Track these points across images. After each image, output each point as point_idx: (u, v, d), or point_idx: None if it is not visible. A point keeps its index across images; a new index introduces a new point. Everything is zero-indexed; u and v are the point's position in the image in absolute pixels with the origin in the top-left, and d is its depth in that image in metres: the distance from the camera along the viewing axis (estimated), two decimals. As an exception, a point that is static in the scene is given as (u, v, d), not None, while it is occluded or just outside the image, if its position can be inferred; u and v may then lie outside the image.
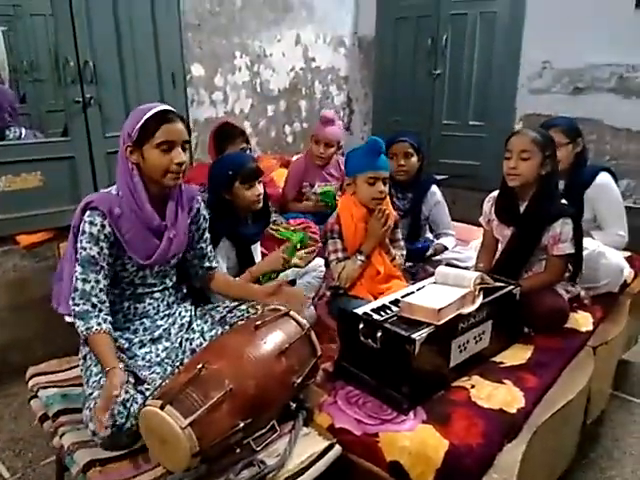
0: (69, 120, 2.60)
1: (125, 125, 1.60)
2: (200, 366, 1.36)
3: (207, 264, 1.91)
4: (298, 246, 2.12)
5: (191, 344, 1.77)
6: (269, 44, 3.55)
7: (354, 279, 2.11)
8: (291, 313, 1.62)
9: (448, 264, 2.19)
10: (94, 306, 1.54)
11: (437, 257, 2.60)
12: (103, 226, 1.58)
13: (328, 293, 2.30)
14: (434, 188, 2.68)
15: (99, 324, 1.52)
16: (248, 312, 1.82)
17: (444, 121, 4.00)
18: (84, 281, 1.55)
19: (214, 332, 1.79)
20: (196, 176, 2.56)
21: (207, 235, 1.90)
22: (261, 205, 2.15)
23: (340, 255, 2.13)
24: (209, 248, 1.91)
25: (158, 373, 1.63)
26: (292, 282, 2.33)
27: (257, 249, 2.35)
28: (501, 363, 1.82)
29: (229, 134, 2.63)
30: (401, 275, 2.23)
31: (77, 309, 1.54)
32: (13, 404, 2.34)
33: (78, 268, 1.56)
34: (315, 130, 3.05)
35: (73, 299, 1.55)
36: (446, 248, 2.63)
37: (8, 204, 2.48)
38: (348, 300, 2.09)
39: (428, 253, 2.58)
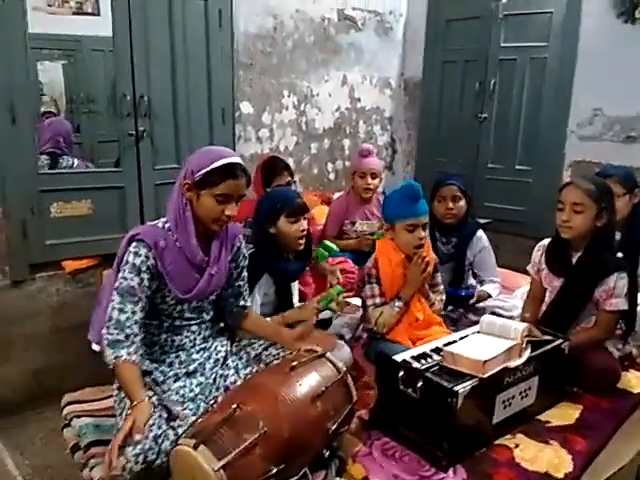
0: (122, 152, 2.69)
1: (190, 161, 1.63)
2: (234, 406, 1.33)
3: (242, 302, 1.90)
4: (334, 298, 2.08)
5: (225, 381, 1.75)
6: (316, 84, 3.62)
7: (392, 325, 2.06)
8: (327, 355, 1.59)
9: (492, 313, 2.11)
10: (127, 337, 1.53)
11: (480, 304, 2.52)
12: (147, 257, 1.59)
13: (365, 335, 2.25)
14: (480, 233, 2.61)
15: (129, 354, 1.51)
16: (284, 351, 1.80)
17: (489, 164, 3.95)
18: (120, 311, 1.56)
19: (249, 370, 1.77)
20: (241, 211, 2.58)
21: (245, 274, 1.90)
22: (303, 243, 2.14)
23: (377, 300, 2.09)
24: (245, 287, 1.91)
25: (191, 409, 1.61)
26: (328, 322, 2.30)
27: (295, 287, 2.34)
28: (547, 422, 1.73)
29: (276, 167, 2.67)
30: (441, 321, 2.17)
31: (110, 338, 1.53)
32: (46, 429, 2.34)
33: (116, 297, 1.57)
34: (355, 165, 3.07)
35: (107, 328, 1.54)
36: (490, 295, 2.54)
37: (57, 230, 2.56)
38: (386, 344, 2.04)
39: (471, 300, 2.49)
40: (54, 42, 3.36)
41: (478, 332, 1.79)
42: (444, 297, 2.24)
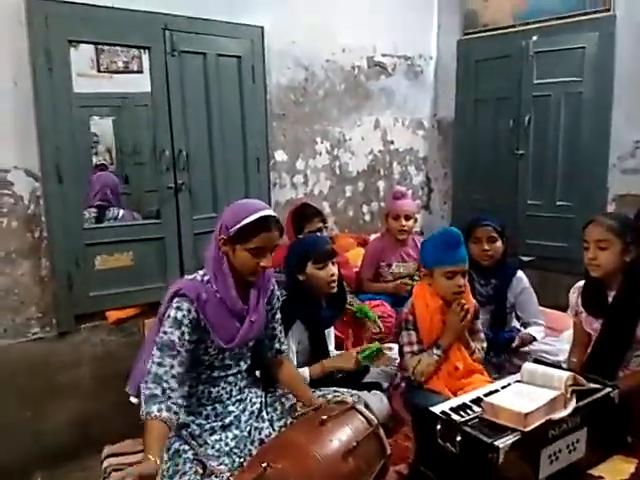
0: (161, 204, 2.79)
1: (224, 217, 1.67)
2: (265, 465, 1.32)
3: (277, 346, 1.90)
4: (373, 354, 2.06)
5: (260, 434, 1.74)
6: (349, 129, 3.68)
7: (430, 374, 2.00)
8: (358, 407, 1.56)
9: (536, 360, 2.02)
10: (163, 391, 1.53)
11: (525, 349, 2.43)
12: (189, 311, 1.62)
13: (403, 384, 2.20)
14: (520, 273, 2.54)
15: (160, 410, 1.49)
16: (325, 397, 1.79)
17: (529, 201, 3.87)
18: (159, 365, 1.57)
19: (283, 422, 1.76)
20: (274, 257, 2.62)
21: (278, 316, 1.90)
22: (336, 288, 2.13)
23: (415, 348, 2.04)
24: (279, 329, 1.91)
25: (226, 465, 1.60)
26: (366, 369, 2.25)
27: (331, 334, 2.32)
28: (600, 478, 1.61)
29: (306, 214, 2.71)
30: (482, 369, 2.09)
31: (147, 392, 1.53)
32: (89, 478, 2.36)
33: (156, 352, 1.59)
34: (389, 207, 3.06)
35: (146, 382, 1.55)
36: (535, 339, 2.45)
37: (100, 282, 2.65)
38: (424, 394, 1.98)
39: (514, 344, 2.40)
40: (105, 100, 3.59)
41: (519, 381, 1.71)
42: (485, 345, 2.16)
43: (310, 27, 3.30)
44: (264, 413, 1.81)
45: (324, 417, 1.47)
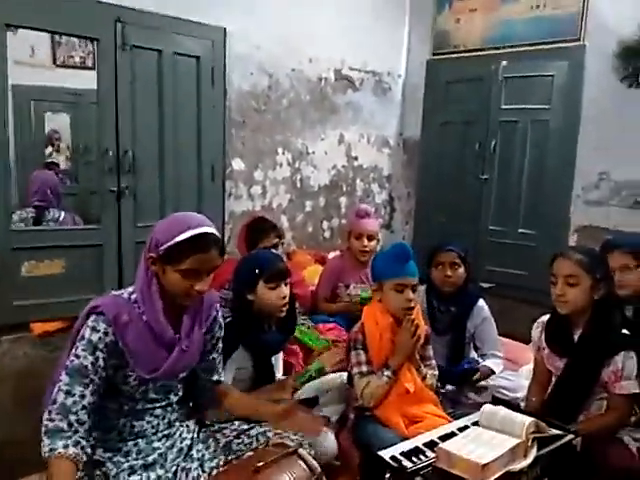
0: (102, 208, 2.56)
1: (155, 232, 1.46)
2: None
3: (215, 377, 1.70)
4: (313, 375, 1.90)
5: (187, 475, 1.53)
6: (312, 142, 3.54)
7: (380, 397, 1.87)
8: (300, 452, 1.38)
9: (495, 399, 1.90)
10: (70, 425, 1.33)
11: (482, 383, 2.30)
12: (106, 334, 1.41)
13: (352, 416, 2.03)
14: (481, 303, 2.43)
15: (65, 446, 1.30)
16: (258, 440, 1.59)
17: (491, 227, 3.82)
18: (67, 394, 1.35)
19: (215, 462, 1.55)
20: (224, 272, 2.41)
21: (220, 345, 1.71)
22: (285, 311, 1.96)
23: (364, 369, 1.90)
24: (219, 359, 1.72)
25: (145, 512, 1.39)
26: (314, 400, 2.07)
27: (279, 359, 2.14)
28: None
29: (262, 228, 2.53)
30: (436, 399, 1.96)
31: (50, 425, 1.32)
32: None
33: (64, 377, 1.37)
34: (351, 225, 2.92)
35: (49, 412, 1.34)
36: (493, 372, 2.33)
37: (26, 290, 2.41)
38: (375, 428, 1.84)
39: (474, 377, 2.28)
40: (60, 94, 3.43)
41: (476, 423, 1.57)
42: (437, 372, 2.05)
43: (277, 33, 3.16)
44: (194, 451, 1.60)
45: (260, 464, 1.28)
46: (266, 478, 1.26)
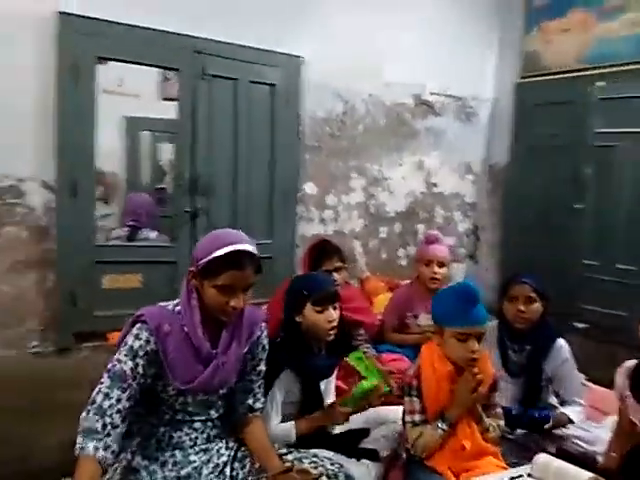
0: (177, 227, 2.70)
1: (197, 246, 1.52)
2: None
3: (250, 402, 1.67)
4: (358, 395, 1.81)
5: (217, 493, 1.52)
6: (389, 167, 3.49)
7: (432, 450, 1.71)
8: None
9: (559, 449, 1.69)
10: (104, 427, 1.37)
11: (558, 432, 2.07)
12: (147, 342, 1.46)
13: (404, 455, 1.91)
14: (561, 342, 2.18)
15: (96, 449, 1.34)
16: (292, 464, 1.55)
17: (585, 261, 3.48)
18: (106, 396, 1.41)
19: (245, 483, 1.53)
20: (280, 292, 2.44)
21: (261, 368, 1.69)
22: (333, 334, 1.90)
23: (417, 418, 1.75)
24: (259, 383, 1.69)
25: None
26: (365, 432, 1.98)
27: (330, 385, 2.07)
28: None
29: (326, 251, 2.50)
30: (496, 452, 1.76)
31: (85, 424, 1.37)
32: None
33: (105, 380, 1.43)
34: (420, 252, 2.81)
35: (87, 412, 1.39)
36: (571, 421, 2.09)
37: (106, 301, 2.56)
38: (425, 473, 1.70)
39: (547, 425, 2.05)
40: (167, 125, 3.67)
41: (529, 475, 1.40)
42: (502, 422, 1.84)
43: (353, 59, 3.16)
44: (228, 469, 1.58)
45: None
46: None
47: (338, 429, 1.99)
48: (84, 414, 1.39)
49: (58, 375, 2.49)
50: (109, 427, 1.38)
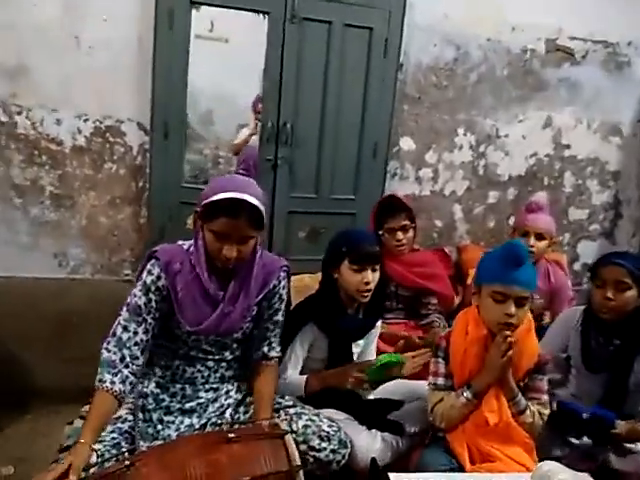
0: (260, 177, 2.71)
1: (206, 187, 1.52)
2: (128, 463, 1.13)
3: (265, 349, 1.66)
4: (381, 364, 1.67)
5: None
6: (505, 123, 3.07)
7: (454, 421, 1.58)
8: (286, 438, 1.24)
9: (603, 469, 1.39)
10: (122, 359, 1.44)
11: (631, 445, 1.71)
12: (159, 277, 1.51)
13: (430, 433, 1.74)
14: (660, 340, 1.79)
15: (112, 382, 1.40)
16: (292, 419, 1.54)
17: None
18: (124, 329, 1.48)
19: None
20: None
21: (278, 318, 1.66)
22: (367, 297, 1.77)
23: (440, 381, 1.64)
24: (274, 333, 1.67)
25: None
26: (398, 404, 1.85)
27: (369, 347, 1.95)
28: None
29: (392, 208, 2.33)
30: (530, 444, 1.55)
31: (105, 355, 1.45)
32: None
33: (124, 313, 1.51)
34: (517, 221, 2.50)
35: (107, 343, 1.47)
36: (653, 435, 1.71)
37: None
38: (436, 453, 1.57)
39: (614, 430, 1.71)
40: None
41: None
42: (546, 411, 1.59)
43: (471, -1, 2.81)
44: (230, 412, 1.60)
45: (232, 435, 1.20)
46: (235, 452, 1.17)
47: (372, 395, 1.90)
48: (105, 344, 1.47)
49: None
50: (128, 359, 1.44)
